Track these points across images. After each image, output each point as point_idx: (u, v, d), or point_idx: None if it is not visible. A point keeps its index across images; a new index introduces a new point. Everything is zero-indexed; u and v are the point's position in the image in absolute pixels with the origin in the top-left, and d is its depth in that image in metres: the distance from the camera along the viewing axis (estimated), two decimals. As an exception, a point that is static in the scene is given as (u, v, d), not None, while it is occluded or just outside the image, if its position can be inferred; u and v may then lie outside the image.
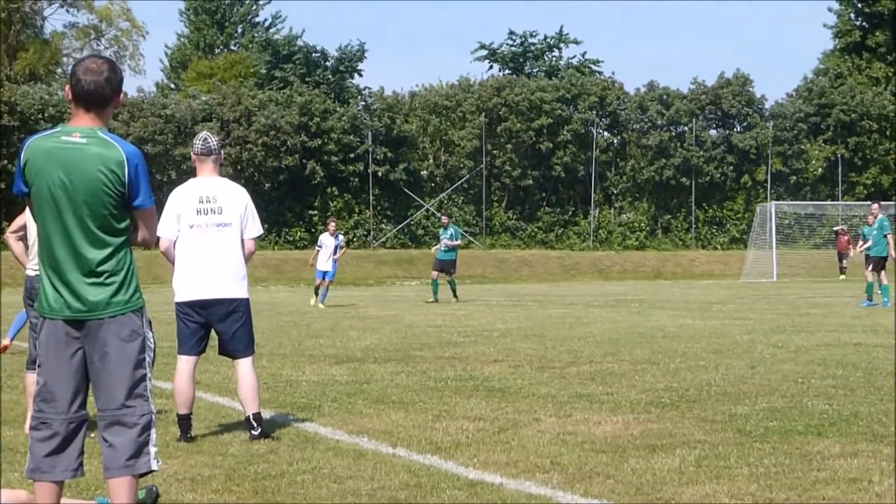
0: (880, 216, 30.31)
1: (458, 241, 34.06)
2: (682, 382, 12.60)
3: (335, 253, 31.07)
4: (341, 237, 32.68)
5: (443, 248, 33.28)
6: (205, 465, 8.29)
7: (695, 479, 7.56)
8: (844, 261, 54.13)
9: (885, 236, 29.63)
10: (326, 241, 31.21)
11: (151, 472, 6.08)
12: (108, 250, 5.95)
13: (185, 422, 9.48)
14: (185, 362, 9.73)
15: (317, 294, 31.05)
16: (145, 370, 6.06)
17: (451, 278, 33.26)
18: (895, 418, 9.87)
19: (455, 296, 33.17)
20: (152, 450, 6.03)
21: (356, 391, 12.22)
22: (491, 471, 7.93)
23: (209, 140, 9.82)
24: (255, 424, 9.42)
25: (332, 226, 32.00)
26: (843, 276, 53.63)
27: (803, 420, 9.84)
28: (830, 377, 12.93)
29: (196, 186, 9.69)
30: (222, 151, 10.11)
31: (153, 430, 6.06)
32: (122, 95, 6.09)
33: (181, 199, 9.65)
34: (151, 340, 6.18)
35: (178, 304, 9.74)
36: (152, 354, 6.19)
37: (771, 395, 11.46)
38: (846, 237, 54.60)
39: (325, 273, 30.87)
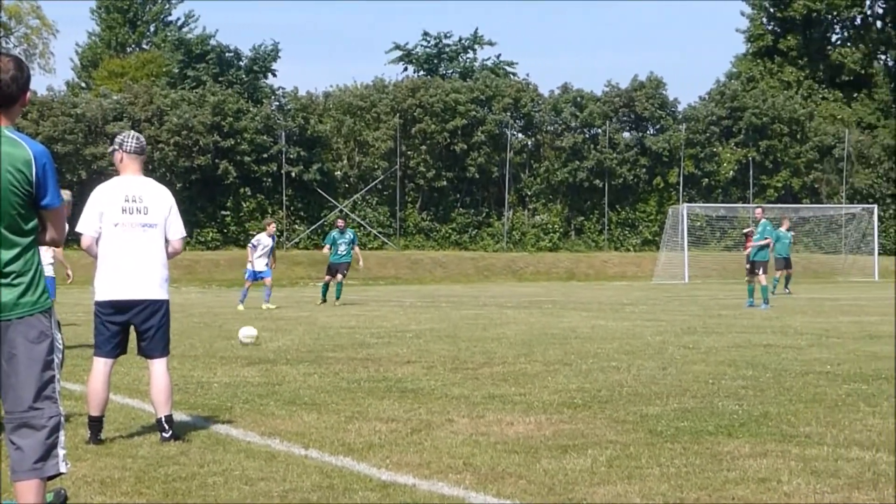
0: (762, 220, 31.02)
1: (356, 246, 33.39)
2: (595, 383, 12.68)
3: (271, 254, 30.80)
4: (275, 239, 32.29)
5: (341, 253, 32.84)
6: (114, 468, 8.20)
7: (606, 480, 7.60)
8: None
9: (766, 239, 30.43)
10: (265, 241, 30.78)
11: (60, 474, 6.01)
12: (16, 251, 5.86)
13: (96, 424, 9.36)
14: (101, 364, 9.59)
15: (246, 296, 30.58)
16: (54, 372, 5.98)
17: (340, 280, 32.55)
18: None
19: (338, 298, 32.52)
20: (61, 452, 5.95)
21: (268, 393, 12.16)
22: (404, 472, 7.92)
23: (142, 139, 9.83)
24: (167, 427, 9.33)
25: (272, 227, 31.51)
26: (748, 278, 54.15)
27: (714, 420, 9.94)
28: (741, 378, 13.07)
29: (121, 185, 9.58)
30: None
31: (62, 433, 5.98)
32: (29, 94, 6.01)
33: (105, 197, 9.52)
34: (60, 342, 6.10)
35: (98, 303, 9.59)
36: (61, 356, 6.11)
37: (682, 396, 11.57)
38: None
39: (256, 274, 30.55)
